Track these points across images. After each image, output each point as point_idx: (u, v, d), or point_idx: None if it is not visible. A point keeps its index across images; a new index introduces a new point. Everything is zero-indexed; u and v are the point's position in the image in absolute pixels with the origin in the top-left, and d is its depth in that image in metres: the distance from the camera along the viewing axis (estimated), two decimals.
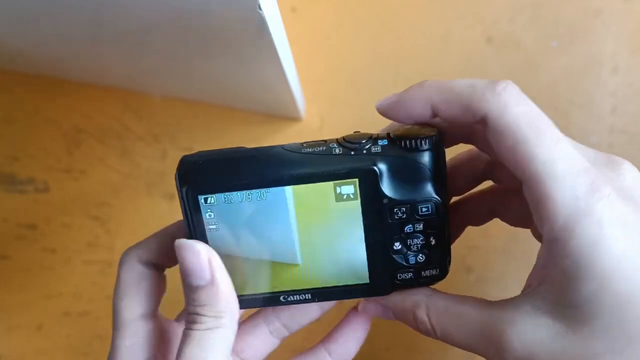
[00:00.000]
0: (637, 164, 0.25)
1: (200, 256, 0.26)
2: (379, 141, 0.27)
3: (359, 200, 0.27)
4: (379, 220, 0.27)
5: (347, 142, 0.27)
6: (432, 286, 0.29)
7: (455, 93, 0.25)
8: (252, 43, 0.31)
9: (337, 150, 0.27)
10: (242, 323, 0.32)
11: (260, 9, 0.26)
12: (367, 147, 0.27)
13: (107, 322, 0.29)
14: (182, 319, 0.32)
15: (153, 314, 0.29)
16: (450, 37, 0.45)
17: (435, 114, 0.26)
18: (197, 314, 0.26)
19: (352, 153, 0.27)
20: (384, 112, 0.27)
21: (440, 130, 0.27)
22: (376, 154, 0.27)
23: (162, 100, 0.46)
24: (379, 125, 0.44)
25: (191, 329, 0.26)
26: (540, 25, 0.44)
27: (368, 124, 0.44)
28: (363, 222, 0.27)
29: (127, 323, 0.28)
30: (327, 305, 0.31)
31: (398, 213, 0.27)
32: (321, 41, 0.45)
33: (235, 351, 0.31)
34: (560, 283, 0.23)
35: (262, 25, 0.28)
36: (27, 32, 0.36)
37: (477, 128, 0.28)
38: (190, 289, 0.26)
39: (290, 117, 0.45)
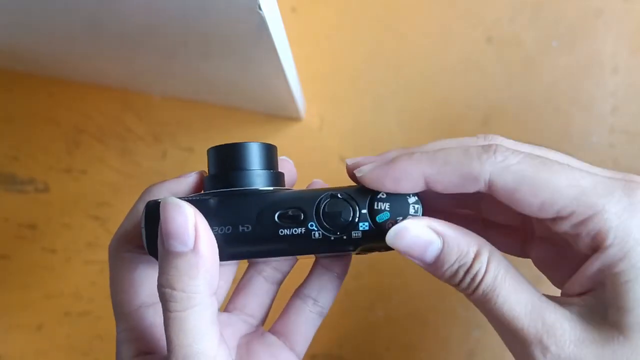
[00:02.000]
0: (638, 164, 0.25)
1: (188, 218, 0.24)
2: (360, 225, 0.26)
3: None
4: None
5: (328, 224, 0.26)
6: None
7: (450, 164, 0.24)
8: (252, 43, 0.31)
9: (316, 235, 0.26)
10: (239, 282, 0.32)
11: (260, 9, 0.26)
12: (347, 231, 0.26)
13: (107, 322, 0.29)
14: None
15: (154, 300, 0.28)
16: (450, 37, 0.44)
17: (429, 187, 0.25)
18: (171, 287, 0.24)
19: (332, 238, 0.26)
20: (366, 182, 0.26)
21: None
22: (357, 239, 0.26)
23: (162, 100, 0.46)
24: (377, 126, 0.44)
25: (167, 310, 0.24)
26: (540, 25, 0.44)
27: (367, 124, 0.44)
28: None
29: (126, 316, 0.27)
30: None
31: None
32: (321, 41, 0.45)
33: (240, 309, 0.31)
34: (615, 287, 0.23)
35: (262, 25, 0.28)
36: (27, 32, 0.36)
37: (467, 198, 0.28)
38: (167, 254, 0.24)
39: (290, 117, 0.45)
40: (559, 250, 0.28)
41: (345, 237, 0.26)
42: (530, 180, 0.23)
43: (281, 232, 0.26)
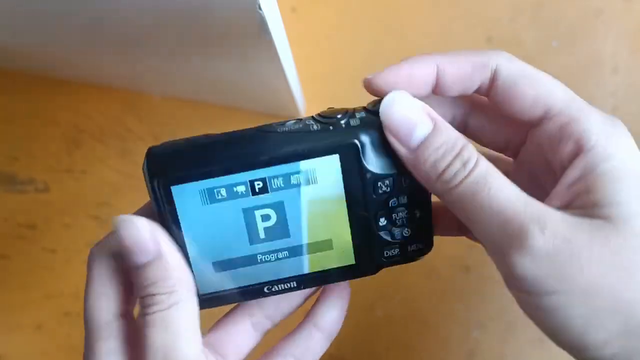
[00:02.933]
0: None
1: (142, 230, 0.24)
2: (357, 114, 0.26)
3: (341, 177, 0.26)
4: (362, 196, 0.26)
5: (324, 117, 0.26)
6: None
7: (462, 54, 0.26)
8: (252, 43, 0.31)
9: (314, 127, 0.26)
10: (223, 318, 0.30)
11: (260, 9, 0.26)
12: (344, 120, 0.26)
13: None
14: None
15: (127, 313, 0.27)
16: (450, 37, 0.45)
17: (439, 79, 0.26)
18: (150, 294, 0.24)
19: (331, 128, 0.26)
20: (381, 79, 0.26)
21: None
22: (355, 127, 0.26)
23: (162, 100, 0.46)
24: None
25: (149, 313, 0.24)
26: (540, 25, 0.44)
27: None
28: (346, 199, 0.26)
29: (105, 325, 0.26)
30: (310, 290, 0.30)
31: (382, 187, 0.26)
32: (321, 41, 0.45)
33: (214, 347, 0.29)
34: (605, 186, 0.23)
35: (262, 25, 0.28)
36: (27, 32, 0.36)
37: (474, 100, 0.29)
38: (135, 269, 0.24)
39: (291, 116, 0.45)
40: (535, 178, 0.28)
41: (344, 124, 0.26)
42: (530, 75, 0.25)
43: (280, 129, 0.26)
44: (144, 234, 0.24)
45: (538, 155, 0.27)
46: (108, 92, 0.47)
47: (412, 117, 0.25)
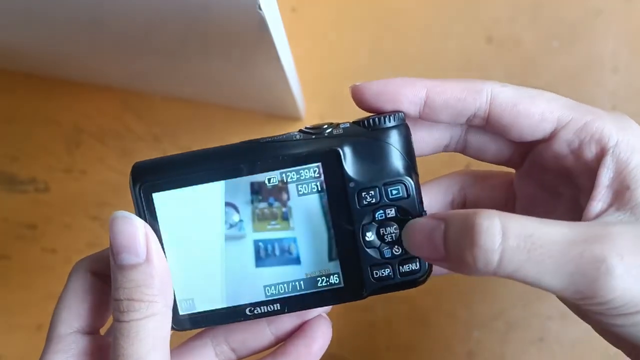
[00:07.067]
0: None
1: (138, 230, 0.24)
2: (341, 125, 0.26)
3: (324, 187, 0.25)
4: (346, 207, 0.25)
5: (308, 129, 0.26)
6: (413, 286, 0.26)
7: (454, 80, 0.26)
8: (252, 43, 0.31)
9: (297, 137, 0.26)
10: (188, 341, 0.29)
11: (260, 9, 0.26)
12: (328, 131, 0.26)
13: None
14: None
15: (93, 331, 0.27)
16: (450, 37, 0.44)
17: (429, 102, 0.25)
18: (128, 298, 0.23)
19: (313, 137, 0.25)
20: (365, 90, 0.26)
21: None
22: (338, 135, 0.25)
23: (162, 100, 0.46)
24: None
25: (123, 321, 0.23)
26: (540, 25, 0.44)
27: None
28: (330, 212, 0.25)
29: (61, 337, 0.26)
30: (283, 332, 0.28)
31: (367, 198, 0.25)
32: (321, 41, 0.45)
33: None
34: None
35: (262, 25, 0.28)
36: (28, 32, 0.36)
37: (459, 129, 0.28)
38: (121, 268, 0.24)
39: (291, 116, 0.45)
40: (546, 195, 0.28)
41: (327, 134, 0.26)
42: (529, 94, 0.25)
43: (262, 140, 0.26)
44: (139, 235, 0.24)
45: (549, 163, 0.26)
46: (108, 92, 0.47)
47: (426, 229, 0.24)
